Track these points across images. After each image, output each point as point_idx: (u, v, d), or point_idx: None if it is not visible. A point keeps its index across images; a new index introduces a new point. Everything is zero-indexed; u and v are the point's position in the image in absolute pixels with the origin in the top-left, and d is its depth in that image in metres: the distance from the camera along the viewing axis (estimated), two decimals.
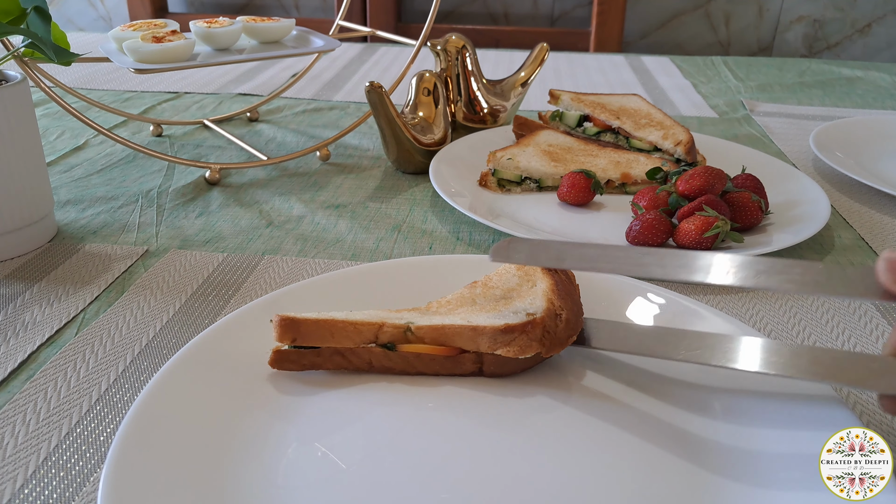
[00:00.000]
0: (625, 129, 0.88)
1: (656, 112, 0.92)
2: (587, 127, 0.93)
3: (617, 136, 0.90)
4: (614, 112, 0.91)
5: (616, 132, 0.90)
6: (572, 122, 0.94)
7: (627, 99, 0.97)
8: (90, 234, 0.71)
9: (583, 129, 0.93)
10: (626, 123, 0.89)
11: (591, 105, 0.93)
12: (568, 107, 0.94)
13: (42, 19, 0.63)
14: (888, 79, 1.42)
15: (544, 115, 0.97)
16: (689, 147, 0.83)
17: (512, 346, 0.45)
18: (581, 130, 0.93)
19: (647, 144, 0.86)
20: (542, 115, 0.97)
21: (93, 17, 2.44)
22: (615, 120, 0.89)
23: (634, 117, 0.91)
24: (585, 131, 0.93)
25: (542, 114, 0.97)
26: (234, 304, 0.59)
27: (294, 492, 0.38)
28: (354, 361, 0.47)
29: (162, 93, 1.24)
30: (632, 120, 0.90)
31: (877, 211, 0.79)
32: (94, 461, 0.42)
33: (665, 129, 0.87)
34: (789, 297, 0.61)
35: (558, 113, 0.95)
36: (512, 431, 0.43)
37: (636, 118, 0.91)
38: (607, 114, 0.91)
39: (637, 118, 0.91)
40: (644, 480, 0.40)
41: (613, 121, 0.89)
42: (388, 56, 1.57)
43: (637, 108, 0.93)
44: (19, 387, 0.48)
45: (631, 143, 0.88)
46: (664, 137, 0.85)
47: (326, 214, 0.76)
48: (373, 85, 0.79)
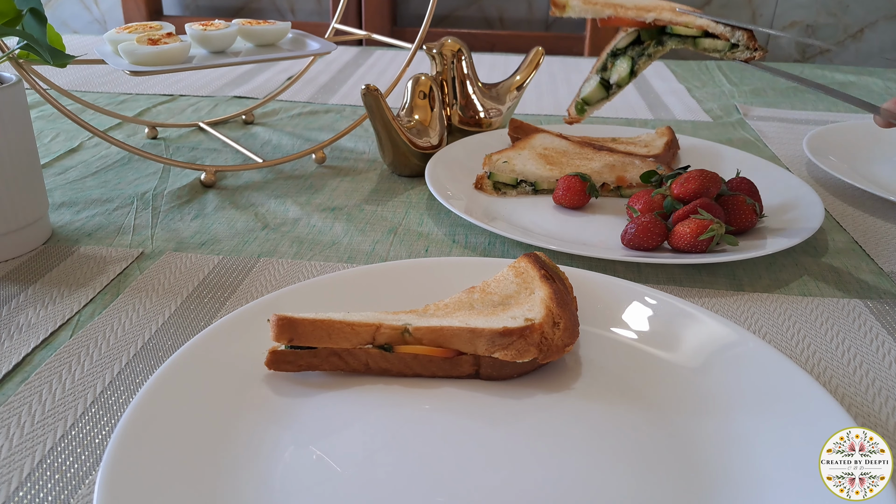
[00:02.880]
0: (662, 20, 0.68)
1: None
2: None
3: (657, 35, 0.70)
4: (643, 7, 0.70)
5: (650, 27, 0.69)
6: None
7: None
8: (85, 236, 0.71)
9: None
10: (662, 14, 0.69)
11: (609, 5, 0.69)
12: (580, 11, 0.70)
13: (37, 21, 0.63)
14: (880, 83, 1.43)
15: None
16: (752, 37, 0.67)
17: (509, 349, 0.45)
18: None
19: (695, 30, 0.67)
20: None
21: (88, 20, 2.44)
22: (647, 14, 0.69)
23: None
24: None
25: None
26: (229, 306, 0.59)
27: (290, 496, 0.38)
28: (351, 363, 0.47)
29: (157, 95, 1.23)
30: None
31: (870, 214, 0.79)
32: (89, 464, 0.42)
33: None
34: (784, 298, 0.61)
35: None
36: (508, 435, 0.43)
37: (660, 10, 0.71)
38: (636, 10, 0.69)
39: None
40: (641, 483, 0.40)
41: (645, 15, 0.68)
42: (384, 59, 1.57)
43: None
44: (14, 389, 0.48)
45: (674, 30, 0.68)
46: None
47: (322, 217, 0.76)
48: (369, 88, 0.79)
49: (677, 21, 0.65)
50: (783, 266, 0.67)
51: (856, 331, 0.57)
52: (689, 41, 0.66)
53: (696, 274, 0.65)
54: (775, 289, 0.63)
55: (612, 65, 0.70)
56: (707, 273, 0.65)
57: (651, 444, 0.42)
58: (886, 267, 0.67)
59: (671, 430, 0.43)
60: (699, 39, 0.65)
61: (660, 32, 0.67)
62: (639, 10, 0.67)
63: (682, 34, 0.66)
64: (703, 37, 0.65)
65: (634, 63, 0.69)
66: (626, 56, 0.70)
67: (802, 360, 0.53)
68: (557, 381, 0.48)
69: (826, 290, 0.63)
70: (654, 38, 0.68)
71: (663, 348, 0.50)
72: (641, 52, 0.69)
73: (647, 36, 0.68)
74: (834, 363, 0.53)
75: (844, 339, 0.56)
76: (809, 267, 0.67)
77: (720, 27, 0.63)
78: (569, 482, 0.40)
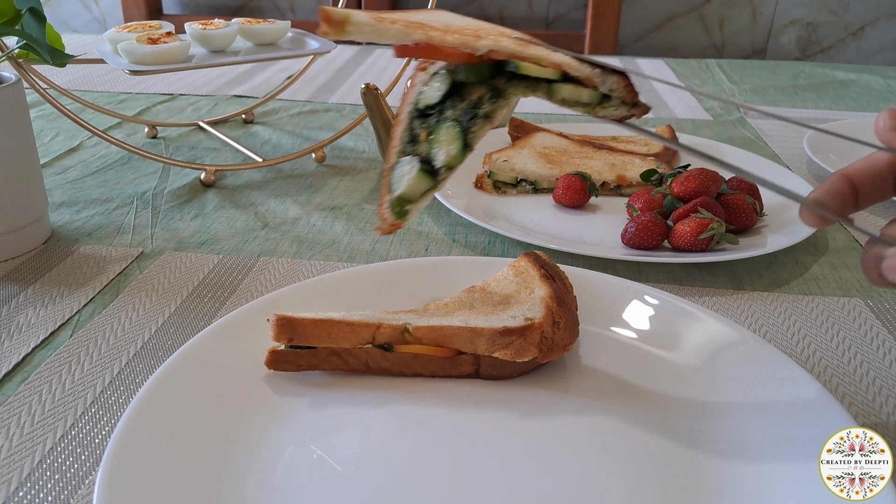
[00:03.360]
0: (501, 51, 0.43)
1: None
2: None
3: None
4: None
5: (482, 61, 0.47)
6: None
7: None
8: (85, 235, 0.70)
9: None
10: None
11: (416, 26, 0.46)
12: (368, 33, 0.42)
13: (37, 21, 0.63)
14: (881, 82, 1.43)
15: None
16: None
17: (509, 349, 0.45)
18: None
19: (550, 70, 0.44)
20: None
21: (87, 19, 2.44)
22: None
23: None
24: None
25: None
26: (229, 306, 0.59)
27: (290, 495, 0.38)
28: (351, 362, 0.47)
29: (157, 94, 1.23)
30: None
31: (870, 213, 0.79)
32: (89, 463, 0.42)
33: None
34: (784, 297, 0.61)
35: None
36: (508, 434, 0.43)
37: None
38: (459, 36, 0.49)
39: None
40: (642, 483, 0.40)
41: (476, 43, 0.45)
42: (384, 58, 1.57)
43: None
44: (14, 389, 0.48)
45: (519, 68, 0.45)
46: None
47: (322, 216, 0.76)
48: (368, 87, 0.79)
49: (524, 55, 0.41)
50: (783, 265, 0.67)
51: (856, 330, 0.57)
52: (542, 87, 0.42)
53: (697, 273, 0.65)
54: (776, 288, 0.63)
55: (424, 134, 0.44)
56: (707, 272, 0.65)
57: (651, 443, 0.42)
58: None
59: (671, 430, 0.43)
60: (556, 86, 0.41)
61: (493, 74, 0.42)
62: (463, 35, 0.41)
63: (531, 75, 0.41)
64: (562, 81, 0.42)
65: (465, 131, 0.43)
66: (447, 120, 0.43)
67: (803, 359, 0.53)
68: (557, 381, 0.48)
69: (826, 288, 0.63)
70: (485, 81, 0.42)
71: (663, 347, 0.50)
72: (471, 112, 0.43)
73: (472, 75, 0.42)
74: (834, 362, 0.53)
75: (845, 338, 0.56)
76: (810, 266, 0.67)
77: (586, 68, 0.41)
78: (569, 482, 0.40)
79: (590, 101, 0.42)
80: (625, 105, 0.42)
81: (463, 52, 0.40)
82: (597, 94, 0.42)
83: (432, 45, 0.40)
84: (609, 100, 0.42)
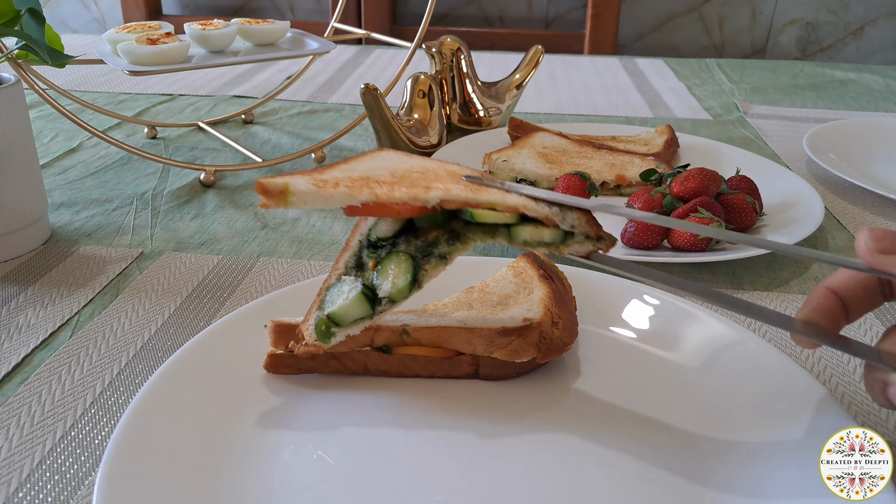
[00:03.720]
0: (453, 201, 0.42)
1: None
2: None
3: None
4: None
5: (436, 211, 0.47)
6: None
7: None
8: (84, 236, 0.70)
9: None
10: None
11: (361, 182, 0.44)
12: (311, 201, 0.41)
13: (36, 21, 0.63)
14: (881, 81, 1.43)
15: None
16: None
17: (508, 349, 0.45)
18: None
19: (506, 214, 0.43)
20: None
21: (87, 20, 2.44)
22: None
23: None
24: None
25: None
26: (229, 306, 0.59)
27: (289, 495, 0.38)
28: (350, 365, 0.47)
29: (156, 95, 1.23)
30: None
31: (870, 212, 0.79)
32: (89, 464, 0.42)
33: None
34: (784, 297, 0.61)
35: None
36: (507, 435, 0.43)
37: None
38: (408, 187, 0.47)
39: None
40: (641, 482, 0.40)
41: (426, 195, 0.44)
42: (383, 58, 1.57)
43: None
44: (13, 390, 0.48)
45: (475, 216, 0.43)
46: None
47: (322, 217, 0.76)
48: (368, 87, 0.79)
49: (477, 202, 0.40)
50: (783, 265, 0.67)
51: (856, 329, 0.57)
52: (502, 232, 0.41)
53: (696, 273, 0.65)
54: (775, 287, 0.63)
55: (373, 263, 0.43)
56: (707, 272, 0.65)
57: (651, 443, 0.42)
58: None
59: (671, 430, 0.43)
60: (516, 229, 0.41)
61: (448, 219, 0.42)
62: (412, 185, 0.41)
63: (488, 222, 0.40)
64: (520, 223, 0.41)
65: (417, 266, 0.41)
66: (400, 253, 0.42)
67: (802, 358, 0.53)
68: (557, 381, 0.48)
69: None
70: (441, 225, 0.42)
71: (663, 347, 0.50)
72: (426, 250, 0.42)
73: (426, 222, 0.42)
74: (834, 362, 0.53)
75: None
76: (809, 266, 0.67)
77: (543, 207, 0.40)
78: (568, 482, 0.40)
79: (552, 241, 0.41)
80: (589, 240, 0.41)
81: (414, 206, 0.39)
82: (559, 232, 0.40)
83: (383, 204, 0.39)
84: (572, 236, 0.41)
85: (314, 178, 0.40)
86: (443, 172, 0.43)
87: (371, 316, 0.42)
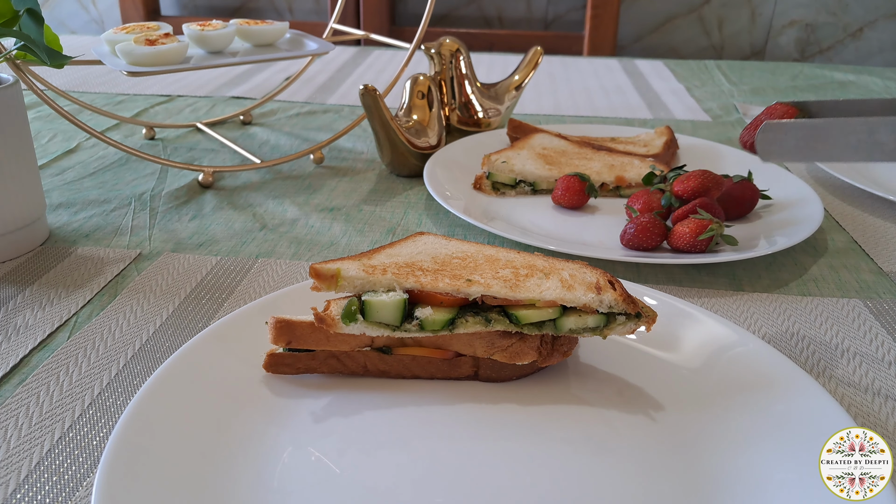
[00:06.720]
0: (495, 297, 0.46)
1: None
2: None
3: None
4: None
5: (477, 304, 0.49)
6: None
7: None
8: (82, 237, 0.70)
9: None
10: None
11: (405, 270, 0.47)
12: (359, 287, 0.45)
13: (35, 22, 0.63)
14: (880, 83, 1.43)
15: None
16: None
17: (508, 351, 0.45)
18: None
19: (547, 310, 0.46)
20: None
21: (85, 20, 2.44)
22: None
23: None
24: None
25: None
26: (227, 307, 0.58)
27: (288, 496, 0.38)
28: (350, 365, 0.47)
29: (155, 96, 1.23)
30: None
31: (869, 214, 0.79)
32: (87, 465, 0.42)
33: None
34: (783, 298, 0.61)
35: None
36: (507, 436, 0.43)
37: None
38: (451, 277, 0.49)
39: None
40: (641, 483, 0.40)
41: (468, 289, 0.47)
42: (382, 59, 1.57)
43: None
44: (11, 391, 0.48)
45: (518, 317, 0.46)
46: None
47: (320, 217, 0.76)
48: (367, 88, 0.79)
49: (517, 300, 0.43)
50: (783, 266, 0.67)
51: (855, 331, 0.57)
52: (548, 325, 0.44)
53: (696, 274, 0.65)
54: (775, 289, 0.63)
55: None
56: (707, 273, 0.65)
57: (651, 444, 0.42)
58: (886, 266, 0.67)
59: (671, 431, 0.43)
60: (560, 320, 0.44)
61: (486, 307, 0.45)
62: (454, 277, 0.44)
63: (532, 321, 0.44)
64: (563, 315, 0.44)
65: (461, 315, 0.45)
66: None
67: (802, 360, 0.53)
68: (557, 382, 0.48)
69: (825, 289, 0.63)
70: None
71: (663, 349, 0.50)
72: (478, 310, 0.45)
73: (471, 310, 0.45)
74: (833, 363, 0.53)
75: (844, 338, 0.56)
76: (809, 267, 0.67)
77: (580, 296, 0.42)
78: (569, 483, 0.39)
79: (597, 325, 0.44)
80: (630, 319, 0.44)
81: (458, 298, 0.43)
82: (601, 316, 0.44)
83: (426, 293, 0.43)
84: (614, 318, 0.44)
85: (363, 263, 0.45)
86: (482, 258, 0.48)
87: (395, 327, 0.44)
